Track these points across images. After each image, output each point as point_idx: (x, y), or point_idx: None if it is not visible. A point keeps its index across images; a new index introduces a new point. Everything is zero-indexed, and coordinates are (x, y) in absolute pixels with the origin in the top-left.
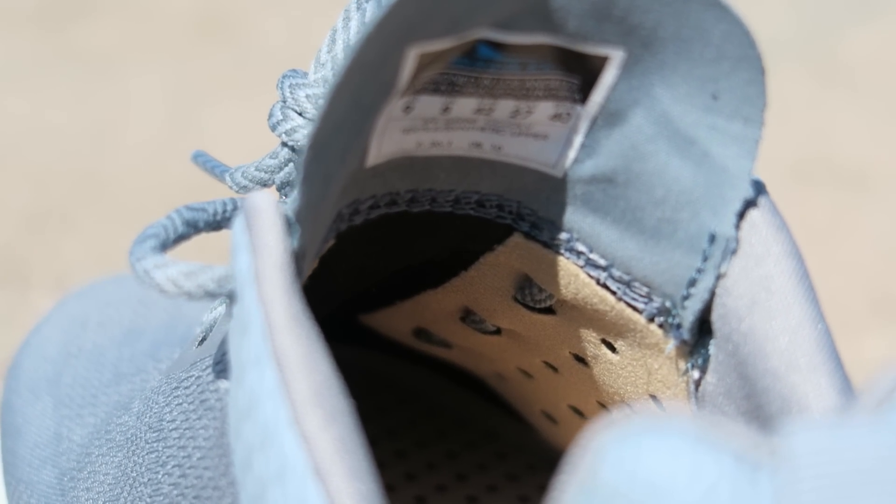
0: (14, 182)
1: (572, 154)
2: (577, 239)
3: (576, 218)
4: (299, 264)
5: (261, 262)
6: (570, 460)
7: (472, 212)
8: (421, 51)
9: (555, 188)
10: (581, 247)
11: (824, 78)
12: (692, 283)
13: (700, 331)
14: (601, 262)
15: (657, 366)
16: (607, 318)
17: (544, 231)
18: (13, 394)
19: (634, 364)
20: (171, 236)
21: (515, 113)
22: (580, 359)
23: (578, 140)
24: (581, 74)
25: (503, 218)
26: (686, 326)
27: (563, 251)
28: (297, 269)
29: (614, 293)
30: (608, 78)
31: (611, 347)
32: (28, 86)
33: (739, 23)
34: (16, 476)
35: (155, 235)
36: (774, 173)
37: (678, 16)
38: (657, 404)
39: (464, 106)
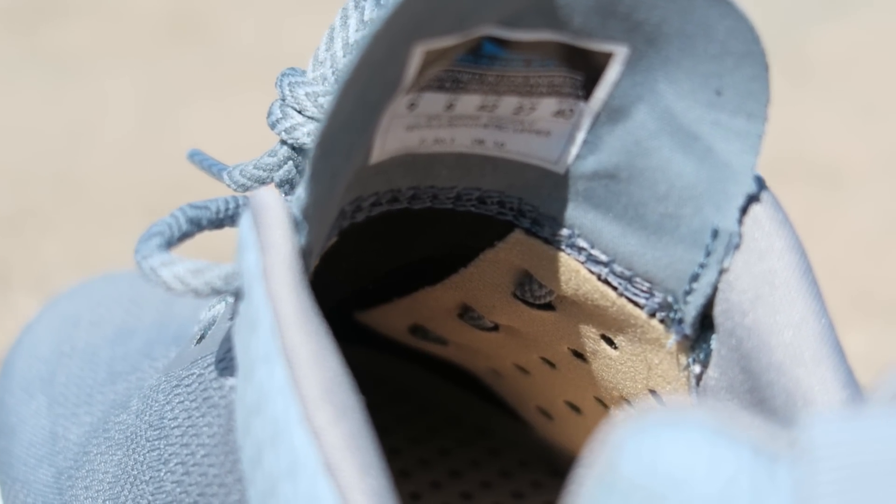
0: None
1: (574, 150)
2: (579, 235)
3: (577, 214)
4: (306, 261)
5: (269, 260)
6: (589, 454)
7: (473, 208)
8: (427, 48)
9: (557, 184)
10: (582, 243)
11: (793, 75)
12: (694, 278)
13: (702, 326)
14: (603, 258)
15: (657, 361)
16: (608, 314)
17: (545, 227)
18: (6, 393)
19: (634, 359)
20: (176, 234)
21: (519, 109)
22: (578, 354)
23: (581, 136)
24: (585, 71)
25: (504, 214)
26: (688, 321)
27: (565, 247)
28: (305, 266)
29: (615, 289)
30: (612, 74)
31: (610, 343)
32: (0, 88)
33: (744, 19)
34: (11, 475)
35: (160, 233)
36: None
37: (683, 12)
38: (657, 399)
39: (468, 103)
